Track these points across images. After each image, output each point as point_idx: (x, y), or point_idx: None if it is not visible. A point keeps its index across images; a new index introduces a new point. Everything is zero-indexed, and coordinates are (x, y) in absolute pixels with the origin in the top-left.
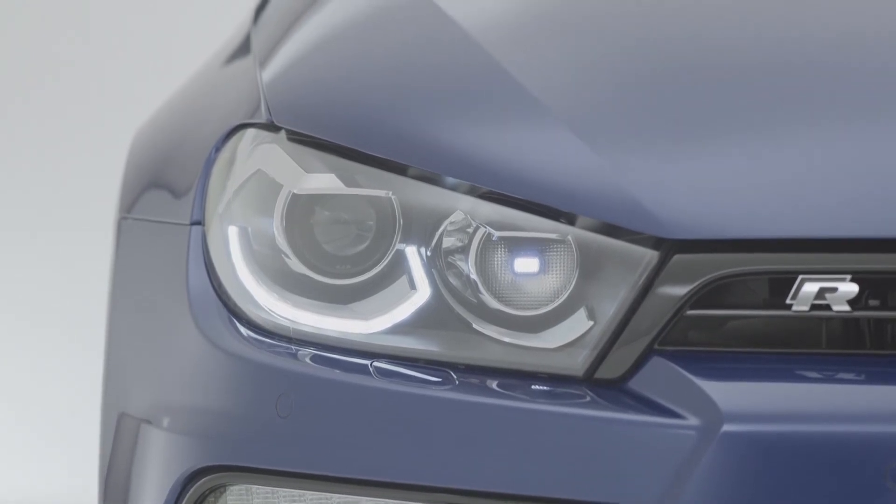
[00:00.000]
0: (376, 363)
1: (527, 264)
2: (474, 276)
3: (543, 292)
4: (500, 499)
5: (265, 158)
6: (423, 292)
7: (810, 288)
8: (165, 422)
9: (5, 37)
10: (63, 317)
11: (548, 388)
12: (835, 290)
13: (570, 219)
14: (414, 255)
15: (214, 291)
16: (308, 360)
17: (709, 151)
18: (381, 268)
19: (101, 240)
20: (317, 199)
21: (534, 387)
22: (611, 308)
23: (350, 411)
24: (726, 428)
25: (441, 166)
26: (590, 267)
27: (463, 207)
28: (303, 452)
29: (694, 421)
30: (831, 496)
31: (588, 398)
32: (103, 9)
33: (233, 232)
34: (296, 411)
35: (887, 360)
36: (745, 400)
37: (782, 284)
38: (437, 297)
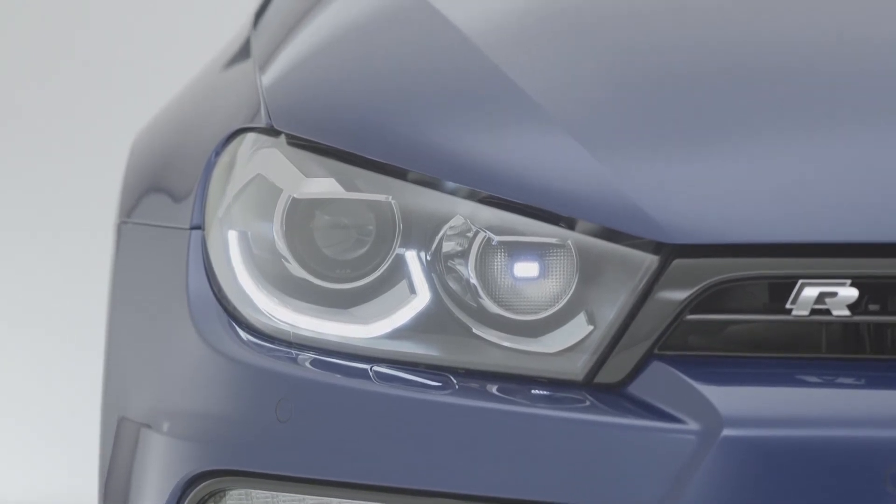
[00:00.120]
0: (376, 367)
1: (527, 269)
2: (474, 280)
3: (543, 297)
4: (500, 503)
5: (265, 163)
6: (422, 297)
7: (810, 292)
8: (165, 426)
9: (5, 37)
10: (63, 316)
11: (548, 393)
12: (834, 294)
13: (569, 223)
14: (414, 260)
15: (214, 296)
16: (308, 364)
17: (709, 156)
18: (380, 272)
19: (101, 240)
20: (317, 204)
21: (534, 391)
22: (611, 312)
23: (350, 416)
24: (726, 432)
25: (441, 171)
26: (590, 271)
27: (463, 212)
28: (303, 457)
29: (694, 425)
30: (831, 501)
31: (588, 403)
32: (104, 9)
33: (233, 236)
34: (296, 416)
35: (887, 364)
36: (745, 404)
37: (782, 289)
38: (436, 302)
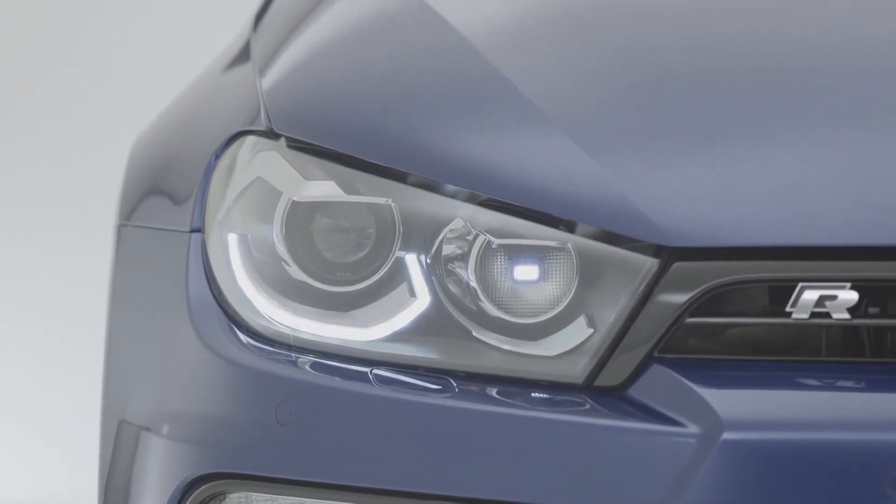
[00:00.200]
0: (376, 371)
1: (526, 272)
2: (474, 283)
3: (543, 300)
4: None
5: (265, 166)
6: (422, 300)
7: (810, 296)
8: (165, 429)
9: (8, 37)
10: (63, 317)
11: (547, 396)
12: (834, 297)
13: (569, 226)
14: (414, 263)
15: (214, 299)
16: (308, 367)
17: (708, 159)
18: (380, 275)
19: (100, 241)
20: (316, 207)
21: (533, 394)
22: (610, 316)
23: (350, 419)
24: (726, 436)
25: (441, 174)
26: (589, 274)
27: (463, 215)
28: (303, 460)
29: (694, 429)
30: None
31: (588, 406)
32: (107, 8)
33: (232, 239)
34: (295, 419)
35: (887, 367)
36: (745, 408)
37: (782, 292)
38: (436, 305)
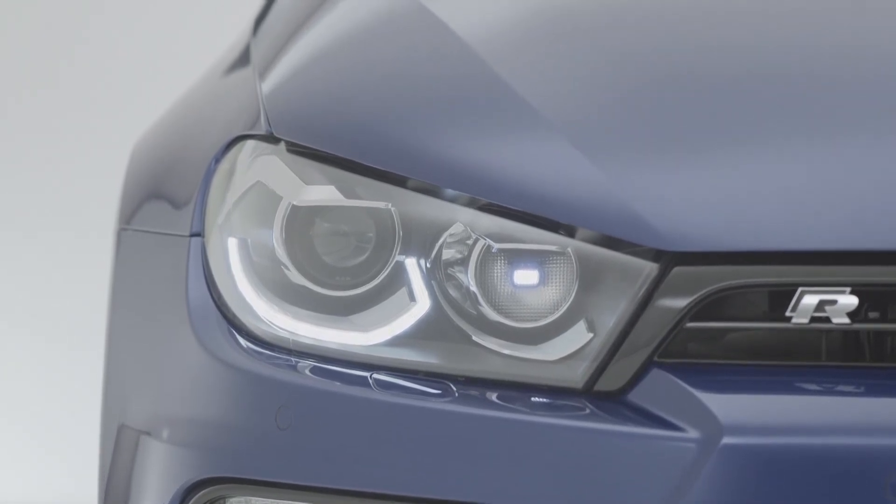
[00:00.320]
0: (376, 375)
1: (526, 276)
2: (474, 288)
3: (543, 304)
4: None
5: (265, 170)
6: (422, 304)
7: (810, 300)
8: (165, 433)
9: (10, 37)
10: (63, 317)
11: (547, 401)
12: (834, 302)
13: (569, 231)
14: (413, 267)
15: (214, 303)
16: (308, 371)
17: (708, 164)
18: (380, 280)
19: (100, 241)
20: (316, 211)
21: (533, 399)
22: (610, 320)
23: (350, 423)
24: (726, 440)
25: (441, 178)
26: (589, 279)
27: (462, 219)
28: (302, 464)
29: (694, 433)
30: None
31: (588, 410)
32: (109, 9)
33: (232, 244)
34: (295, 423)
35: (887, 372)
36: (745, 412)
37: (782, 297)
38: (436, 309)
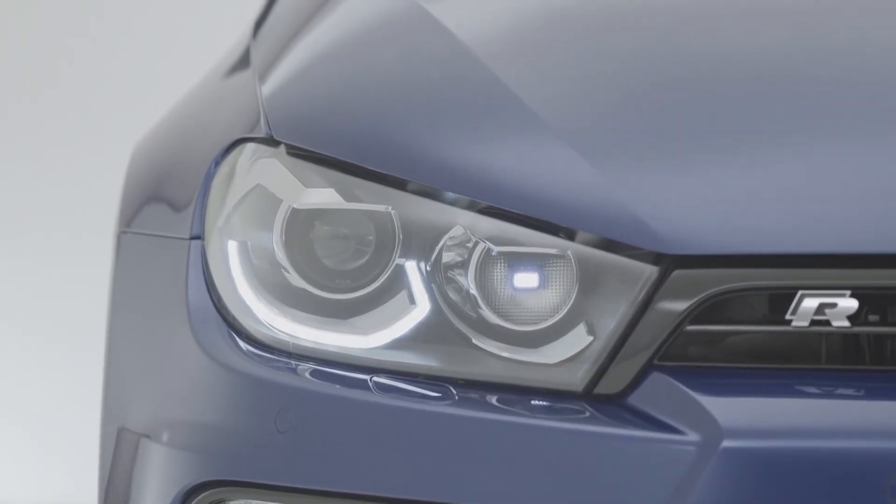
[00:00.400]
0: (376, 378)
1: (526, 279)
2: (474, 291)
3: (543, 307)
4: None
5: (265, 173)
6: (422, 307)
7: (810, 303)
8: (165, 437)
9: (13, 38)
10: (63, 316)
11: (547, 404)
12: (834, 305)
13: (569, 234)
14: (413, 270)
15: (214, 306)
16: (307, 374)
17: (708, 167)
18: (380, 282)
19: (100, 242)
20: (316, 214)
21: (533, 402)
22: (610, 323)
23: (350, 426)
24: (726, 443)
25: (441, 181)
26: (589, 282)
27: (462, 222)
28: (302, 467)
29: (694, 436)
30: None
31: (588, 413)
32: (110, 9)
33: (232, 246)
34: (295, 426)
35: (887, 375)
36: (745, 415)
37: (782, 300)
38: (436, 312)
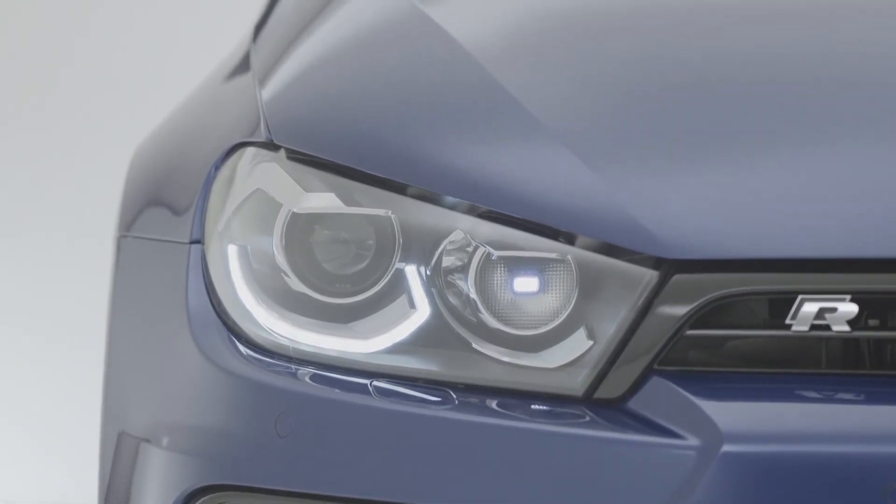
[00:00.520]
0: (376, 382)
1: (526, 284)
2: (474, 295)
3: (543, 312)
4: None
5: (265, 177)
6: (422, 311)
7: (810, 308)
8: (165, 441)
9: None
10: (63, 316)
11: (547, 408)
12: (834, 310)
13: (569, 238)
14: (413, 275)
15: (214, 310)
16: (307, 379)
17: (708, 171)
18: (380, 287)
19: (100, 242)
20: (316, 218)
21: (533, 406)
22: (610, 328)
23: (349, 431)
24: (726, 448)
25: (441, 186)
26: (589, 286)
27: (462, 227)
28: (302, 472)
29: (693, 441)
30: None
31: (587, 418)
32: (112, 10)
33: (232, 251)
34: (295, 431)
35: (886, 380)
36: (745, 420)
37: (782, 304)
38: (436, 317)
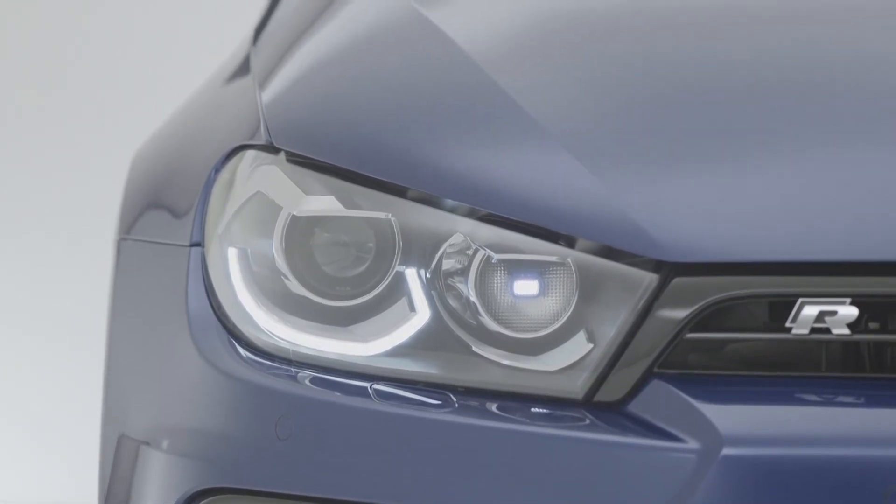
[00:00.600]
0: (376, 385)
1: (526, 287)
2: (474, 298)
3: (543, 315)
4: None
5: (265, 180)
6: (422, 314)
7: (810, 311)
8: (165, 443)
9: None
10: (63, 316)
11: (547, 411)
12: (834, 313)
13: (569, 241)
14: (413, 278)
15: (214, 313)
16: (307, 382)
17: (708, 174)
18: (380, 290)
19: (100, 243)
20: (316, 221)
21: (533, 410)
22: (610, 331)
23: (349, 434)
24: (726, 451)
25: (441, 189)
26: (589, 289)
27: (462, 230)
28: (302, 475)
29: (693, 444)
30: None
31: (587, 421)
32: (113, 11)
33: (232, 254)
34: (295, 434)
35: (886, 383)
36: (745, 423)
37: (782, 308)
38: (436, 320)
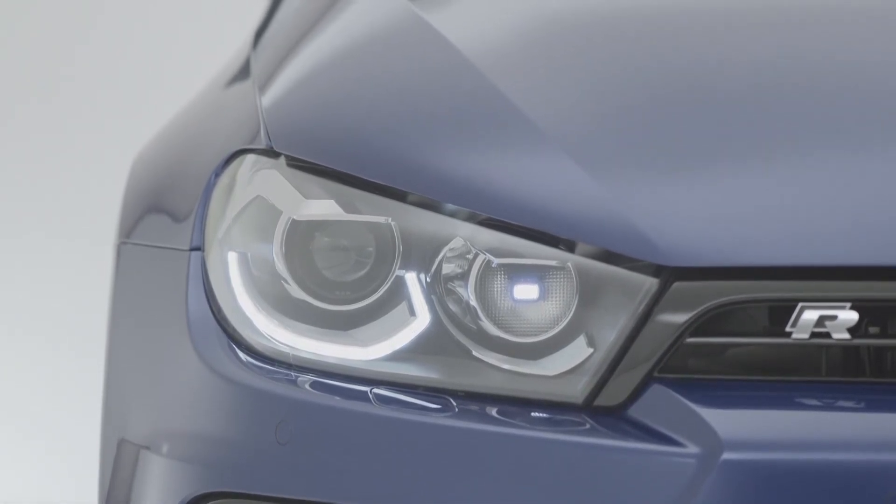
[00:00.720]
0: (376, 390)
1: (526, 291)
2: (474, 302)
3: (543, 319)
4: None
5: (265, 184)
6: (422, 319)
7: (810, 316)
8: (165, 448)
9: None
10: (63, 317)
11: (547, 416)
12: (834, 317)
13: (569, 246)
14: (413, 282)
15: (214, 317)
16: (307, 386)
17: (708, 179)
18: (380, 294)
19: (100, 243)
20: (316, 226)
21: (533, 414)
22: (610, 335)
23: (349, 438)
24: (726, 456)
25: (441, 193)
26: (589, 294)
27: (462, 234)
28: (302, 479)
29: (693, 449)
30: None
31: (587, 426)
32: (114, 12)
33: (232, 258)
34: (295, 438)
35: (887, 387)
36: (745, 428)
37: (782, 312)
38: (436, 324)
